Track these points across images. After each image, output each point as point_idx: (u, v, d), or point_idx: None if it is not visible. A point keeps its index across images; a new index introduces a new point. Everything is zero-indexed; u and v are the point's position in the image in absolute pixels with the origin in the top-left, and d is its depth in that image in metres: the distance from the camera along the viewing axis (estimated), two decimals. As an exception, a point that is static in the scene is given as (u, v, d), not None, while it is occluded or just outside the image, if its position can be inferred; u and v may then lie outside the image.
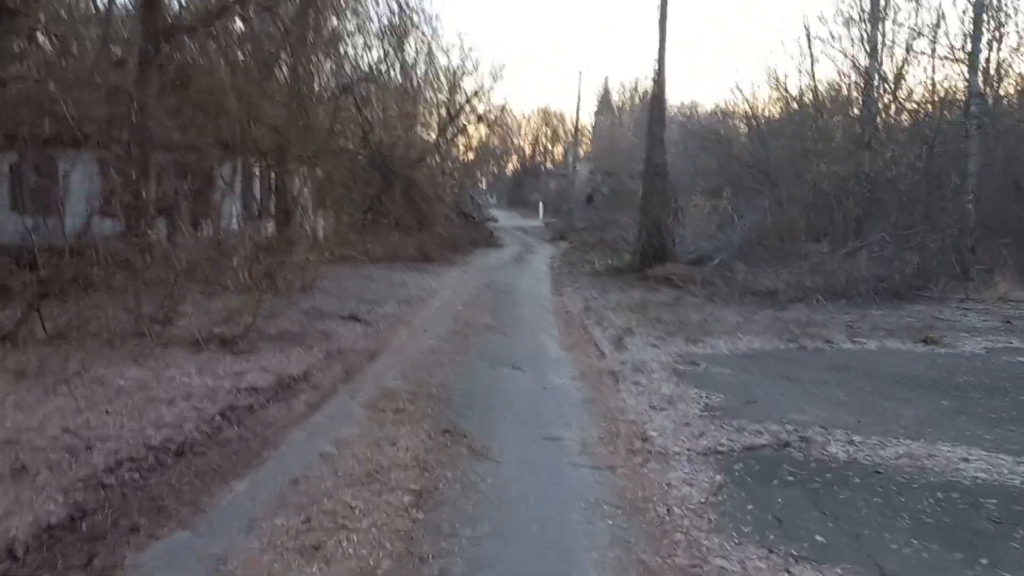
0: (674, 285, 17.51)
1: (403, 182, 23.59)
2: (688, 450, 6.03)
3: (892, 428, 6.60)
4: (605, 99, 63.78)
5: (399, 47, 29.97)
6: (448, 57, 50.46)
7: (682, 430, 6.58)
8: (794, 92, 27.89)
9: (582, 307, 14.68)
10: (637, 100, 58.73)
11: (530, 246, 32.30)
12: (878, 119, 21.05)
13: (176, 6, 16.36)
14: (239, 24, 18.84)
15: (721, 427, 6.64)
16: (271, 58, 19.95)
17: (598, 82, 76.81)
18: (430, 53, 32.66)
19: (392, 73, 30.90)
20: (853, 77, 22.89)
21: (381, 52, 29.35)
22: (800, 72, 30.22)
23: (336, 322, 11.47)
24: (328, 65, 22.63)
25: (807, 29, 22.47)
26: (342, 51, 25.23)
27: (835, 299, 15.18)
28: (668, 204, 19.24)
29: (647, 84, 59.32)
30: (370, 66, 25.12)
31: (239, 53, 17.79)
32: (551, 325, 12.61)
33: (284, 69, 21.87)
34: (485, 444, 6.02)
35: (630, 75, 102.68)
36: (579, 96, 53.76)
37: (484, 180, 66.30)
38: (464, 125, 34.04)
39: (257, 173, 22.75)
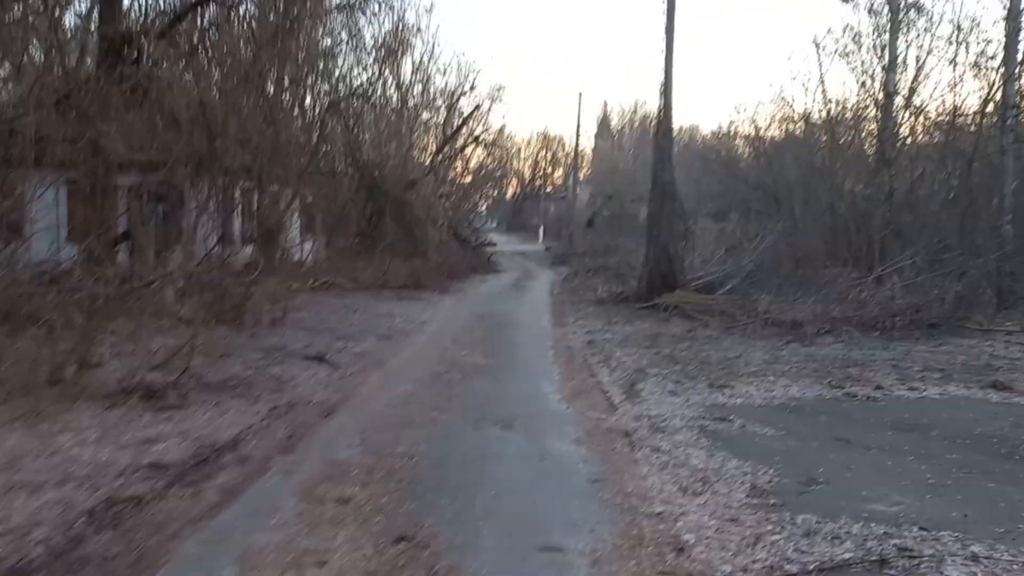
0: (686, 315, 15.63)
1: (394, 205, 21.83)
2: (743, 571, 4.15)
3: (1020, 530, 4.71)
4: (604, 123, 62.34)
5: (394, 66, 28.45)
6: (445, 78, 48.85)
7: (729, 531, 4.69)
8: (802, 110, 26.21)
9: (586, 342, 12.82)
10: (637, 123, 57.29)
11: (529, 272, 30.51)
12: (899, 135, 19.29)
13: (136, 12, 14.65)
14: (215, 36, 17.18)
15: (781, 527, 4.74)
16: (250, 71, 18.28)
17: (597, 105, 75.44)
18: (426, 73, 31.19)
19: (387, 93, 29.37)
20: (870, 91, 21.11)
21: (376, 71, 27.85)
22: (806, 89, 28.53)
23: (297, 364, 9.61)
24: (316, 82, 20.98)
25: (817, 44, 20.56)
26: (332, 68, 23.68)
27: (867, 332, 13.30)
28: (677, 227, 17.43)
29: (647, 108, 57.77)
30: (363, 85, 23.48)
31: (212, 65, 16.06)
32: (551, 365, 10.73)
33: (269, 85, 20.24)
34: (454, 564, 4.13)
35: (629, 98, 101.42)
36: (579, 117, 50.96)
37: (484, 204, 64.76)
38: (461, 146, 32.45)
39: (238, 195, 21.05)
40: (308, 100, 21.67)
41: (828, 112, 22.53)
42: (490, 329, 14.19)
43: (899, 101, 19.99)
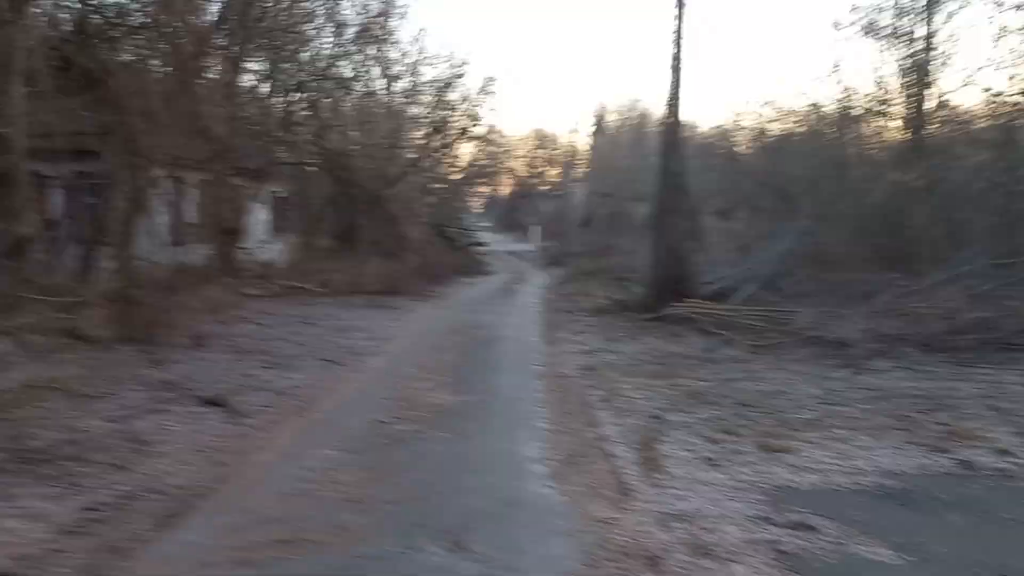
0: (702, 330, 12.79)
1: (368, 202, 18.96)
2: None
3: None
4: (601, 120, 59.33)
5: (378, 52, 25.66)
6: (436, 70, 45.56)
7: None
8: (815, 100, 23.43)
9: (584, 367, 9.98)
10: (634, 120, 54.36)
11: (521, 274, 27.71)
12: (938, 119, 16.50)
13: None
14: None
15: None
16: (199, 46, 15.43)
17: (593, 103, 72.63)
18: (414, 65, 28.39)
19: (370, 83, 26.57)
20: (897, 73, 18.23)
21: (359, 58, 25.02)
22: (820, 79, 25.65)
23: (185, 411, 6.76)
24: (275, 60, 18.12)
25: (836, 26, 17.77)
26: (308, 50, 20.77)
27: (930, 353, 10.50)
28: (688, 225, 14.61)
29: (643, 105, 54.97)
30: (336, 67, 20.59)
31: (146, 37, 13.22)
32: (538, 406, 7.87)
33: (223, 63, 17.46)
34: None
35: (626, 96, 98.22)
36: (575, 112, 48.00)
37: (479, 203, 61.97)
38: (450, 139, 29.55)
39: (195, 187, 18.25)
40: (265, 80, 18.78)
41: (852, 98, 19.65)
42: (467, 348, 11.35)
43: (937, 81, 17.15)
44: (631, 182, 43.54)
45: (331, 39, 21.88)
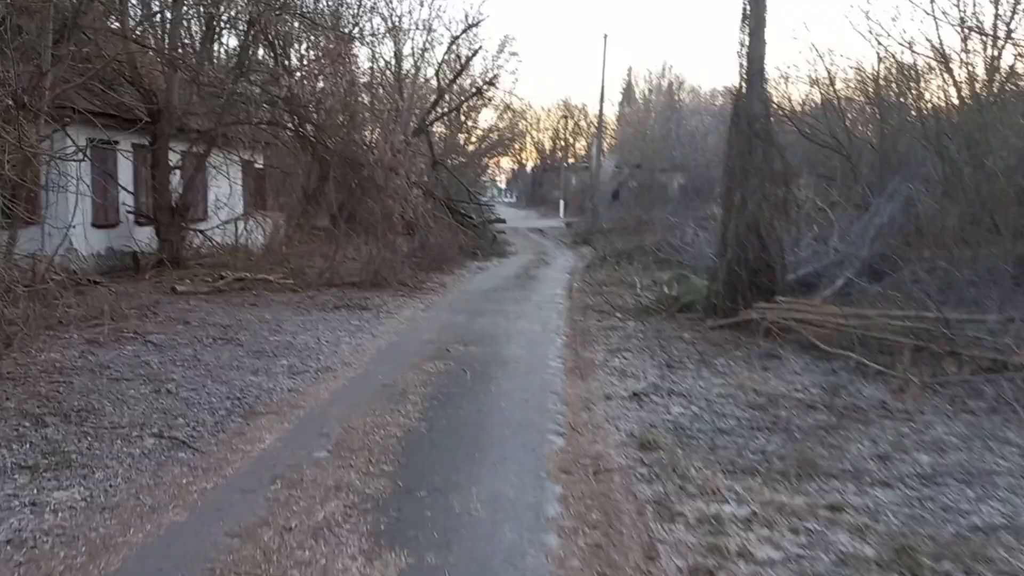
0: (807, 346, 8.01)
1: (348, 168, 14.33)
2: None
3: None
4: (629, 90, 53.88)
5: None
6: (449, 29, 40.22)
7: None
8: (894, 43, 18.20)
9: (636, 441, 5.31)
10: (664, 87, 48.95)
11: (545, 254, 22.93)
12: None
13: None
14: None
15: None
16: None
17: (621, 71, 66.88)
18: (427, 23, 23.63)
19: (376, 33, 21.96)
20: None
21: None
22: (893, 19, 20.09)
23: None
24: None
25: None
26: None
27: None
28: (776, 191, 9.75)
29: (673, 75, 49.17)
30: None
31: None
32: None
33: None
34: None
35: (656, 60, 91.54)
36: (604, 65, 38.07)
37: (502, 177, 57.30)
38: (462, 101, 24.78)
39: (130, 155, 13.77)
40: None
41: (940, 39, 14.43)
42: (442, 391, 6.68)
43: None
44: (664, 151, 38.42)
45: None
